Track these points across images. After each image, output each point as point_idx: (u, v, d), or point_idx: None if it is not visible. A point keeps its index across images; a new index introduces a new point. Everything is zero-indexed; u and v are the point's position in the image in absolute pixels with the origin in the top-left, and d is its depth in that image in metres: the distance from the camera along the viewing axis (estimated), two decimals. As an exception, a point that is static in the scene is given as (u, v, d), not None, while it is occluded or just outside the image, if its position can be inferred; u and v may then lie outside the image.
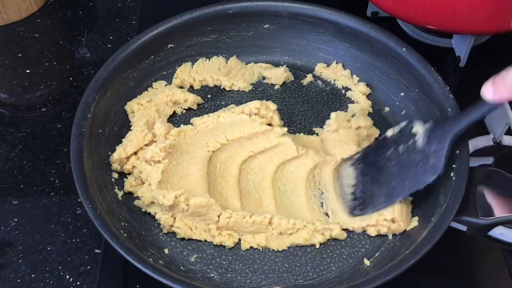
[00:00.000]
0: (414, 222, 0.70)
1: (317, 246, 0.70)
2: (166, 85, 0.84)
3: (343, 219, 0.71)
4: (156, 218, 0.71)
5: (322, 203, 0.73)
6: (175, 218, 0.70)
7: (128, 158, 0.74)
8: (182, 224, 0.70)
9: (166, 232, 0.70)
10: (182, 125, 0.77)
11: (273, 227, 0.70)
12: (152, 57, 0.82)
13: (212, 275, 0.68)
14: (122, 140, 0.76)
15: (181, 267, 0.68)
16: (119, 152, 0.74)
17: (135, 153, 0.74)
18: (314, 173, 0.74)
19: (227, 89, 0.85)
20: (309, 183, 0.74)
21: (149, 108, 0.79)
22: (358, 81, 0.85)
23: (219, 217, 0.69)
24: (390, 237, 0.70)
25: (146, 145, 0.75)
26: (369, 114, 0.82)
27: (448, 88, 0.74)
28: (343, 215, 0.72)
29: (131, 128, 0.77)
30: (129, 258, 0.61)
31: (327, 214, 0.72)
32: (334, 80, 0.86)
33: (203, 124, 0.77)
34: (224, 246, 0.70)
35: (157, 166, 0.72)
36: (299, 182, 0.74)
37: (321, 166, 0.75)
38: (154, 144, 0.73)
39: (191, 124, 0.78)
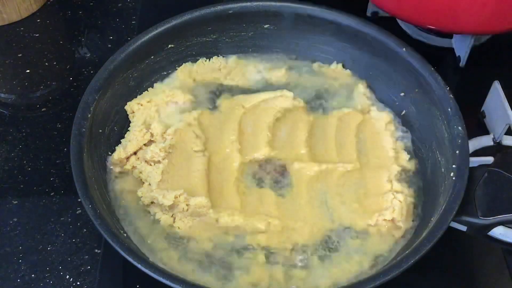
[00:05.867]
0: (414, 222, 0.70)
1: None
2: (166, 85, 0.84)
3: (344, 217, 0.71)
4: (156, 218, 0.71)
5: (322, 202, 0.73)
6: (174, 218, 0.70)
7: (127, 158, 0.74)
8: (182, 224, 0.70)
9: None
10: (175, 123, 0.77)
11: (273, 228, 0.70)
12: (152, 57, 0.82)
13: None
14: (121, 140, 0.76)
15: (181, 267, 0.68)
16: (119, 153, 0.74)
17: (135, 153, 0.74)
18: (319, 176, 0.74)
19: (227, 89, 0.85)
20: (311, 184, 0.74)
21: (149, 108, 0.79)
22: (358, 81, 0.85)
23: (217, 220, 0.69)
24: (390, 237, 0.70)
25: (145, 145, 0.75)
26: (369, 114, 0.82)
27: (448, 88, 0.74)
28: (344, 212, 0.72)
29: (129, 128, 0.78)
30: (129, 258, 0.61)
31: (327, 213, 0.72)
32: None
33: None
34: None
35: (157, 166, 0.72)
36: (301, 182, 0.74)
37: (327, 172, 0.75)
38: (154, 144, 0.73)
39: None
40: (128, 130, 0.77)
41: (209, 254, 0.68)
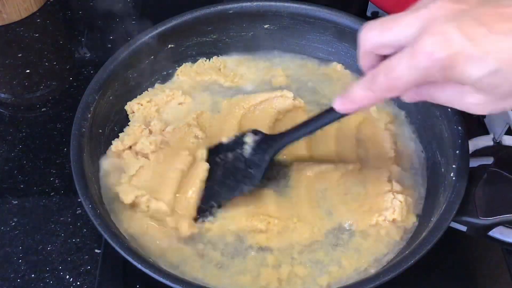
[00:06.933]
0: (414, 222, 0.70)
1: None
2: (166, 85, 0.84)
3: (344, 217, 0.71)
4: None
5: (322, 202, 0.73)
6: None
7: (124, 151, 0.74)
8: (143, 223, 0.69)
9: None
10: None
11: (273, 228, 0.70)
12: (152, 57, 0.82)
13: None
14: (120, 134, 0.76)
15: (181, 267, 0.68)
16: (117, 145, 0.74)
17: (130, 147, 0.75)
18: (319, 176, 0.74)
19: (228, 89, 0.85)
20: (311, 184, 0.74)
21: (149, 108, 0.80)
22: (358, 81, 0.85)
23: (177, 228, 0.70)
24: (390, 237, 0.70)
25: (142, 140, 0.76)
26: (369, 114, 0.82)
27: (448, 88, 0.74)
28: (344, 212, 0.72)
29: (128, 123, 0.78)
30: (129, 258, 0.61)
31: (327, 213, 0.72)
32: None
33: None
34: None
35: (139, 160, 0.72)
36: (301, 182, 0.74)
37: (327, 172, 0.75)
38: (145, 137, 0.74)
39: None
40: (128, 125, 0.77)
41: (209, 253, 0.69)
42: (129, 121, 0.79)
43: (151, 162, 0.73)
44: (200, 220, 0.70)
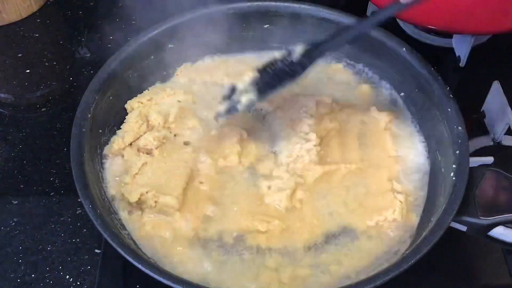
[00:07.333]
0: (414, 222, 0.70)
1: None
2: (166, 85, 0.84)
3: (344, 218, 0.71)
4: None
5: (322, 202, 0.73)
6: (143, 213, 0.70)
7: (124, 149, 0.74)
8: (148, 220, 0.70)
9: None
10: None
11: (273, 229, 0.70)
12: (152, 57, 0.82)
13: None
14: (117, 131, 0.76)
15: (181, 267, 0.68)
16: (118, 142, 0.74)
17: (131, 145, 0.75)
18: (322, 177, 0.74)
19: (228, 89, 0.85)
20: (312, 184, 0.74)
21: (149, 106, 0.80)
22: (358, 81, 0.85)
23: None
24: (391, 237, 0.70)
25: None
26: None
27: (448, 88, 0.74)
28: (345, 212, 0.72)
29: (125, 121, 0.78)
30: (129, 258, 0.61)
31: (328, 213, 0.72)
32: (334, 80, 0.86)
33: None
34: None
35: (141, 157, 0.72)
36: (302, 182, 0.74)
37: (330, 173, 0.75)
38: (148, 132, 0.74)
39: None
40: (124, 122, 0.77)
41: (209, 254, 0.69)
42: (129, 120, 0.79)
43: (154, 158, 0.73)
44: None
